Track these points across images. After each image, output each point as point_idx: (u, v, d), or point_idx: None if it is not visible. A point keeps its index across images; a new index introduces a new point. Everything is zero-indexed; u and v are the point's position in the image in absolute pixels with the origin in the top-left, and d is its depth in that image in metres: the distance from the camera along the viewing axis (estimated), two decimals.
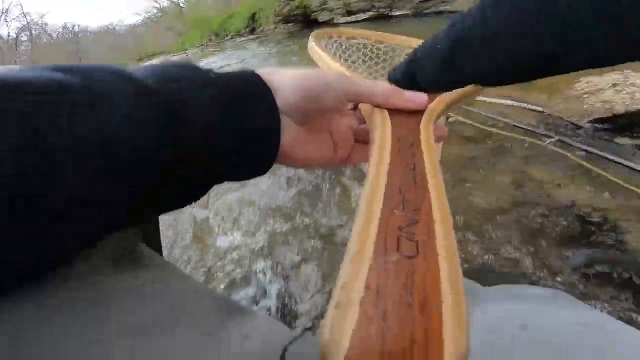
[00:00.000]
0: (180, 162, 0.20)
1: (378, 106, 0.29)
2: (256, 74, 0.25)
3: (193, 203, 0.24)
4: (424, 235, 0.17)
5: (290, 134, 0.27)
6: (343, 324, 0.13)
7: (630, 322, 0.54)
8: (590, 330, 0.41)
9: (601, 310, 0.56)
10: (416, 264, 0.15)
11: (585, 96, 1.18)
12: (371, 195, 0.19)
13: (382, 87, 0.29)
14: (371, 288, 0.14)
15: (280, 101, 0.25)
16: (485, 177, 0.93)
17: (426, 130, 0.27)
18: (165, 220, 1.02)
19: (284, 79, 0.25)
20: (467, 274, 0.62)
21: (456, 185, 0.90)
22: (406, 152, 0.23)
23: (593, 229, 0.69)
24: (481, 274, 0.61)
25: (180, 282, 0.28)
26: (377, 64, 0.58)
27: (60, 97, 0.16)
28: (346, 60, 0.54)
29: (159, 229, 0.42)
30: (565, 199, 0.79)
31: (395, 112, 0.29)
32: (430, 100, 0.31)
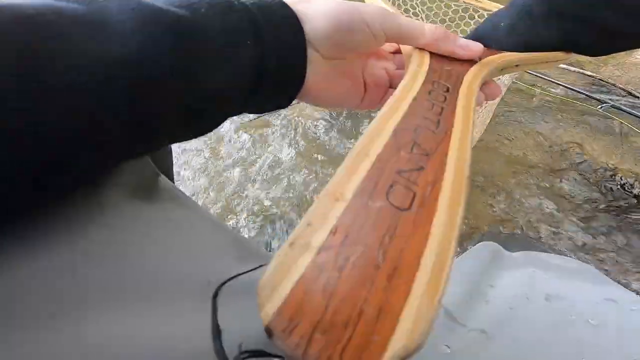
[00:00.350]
0: (192, 86, 0.19)
1: (422, 49, 0.26)
2: (284, 2, 0.23)
3: (207, 134, 0.23)
4: (425, 187, 0.14)
5: (316, 68, 0.24)
6: (290, 268, 0.11)
7: None
8: (616, 307, 0.39)
9: (629, 289, 0.54)
10: (403, 221, 0.13)
11: None
12: (378, 127, 0.16)
13: (430, 28, 0.26)
14: (337, 234, 0.12)
15: (308, 29, 0.23)
16: (526, 135, 0.88)
17: (472, 81, 0.23)
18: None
19: (315, 6, 0.23)
20: (492, 237, 0.60)
21: (495, 141, 0.86)
22: (437, 94, 0.21)
23: (635, 201, 0.65)
24: (506, 239, 0.59)
25: (200, 218, 0.27)
26: (442, 21, 0.51)
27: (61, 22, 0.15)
28: (405, 10, 0.48)
29: (171, 163, 0.40)
30: (608, 165, 0.75)
31: (440, 57, 0.26)
32: (490, 54, 0.28)
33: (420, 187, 0.14)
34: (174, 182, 0.34)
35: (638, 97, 1.05)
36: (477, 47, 0.26)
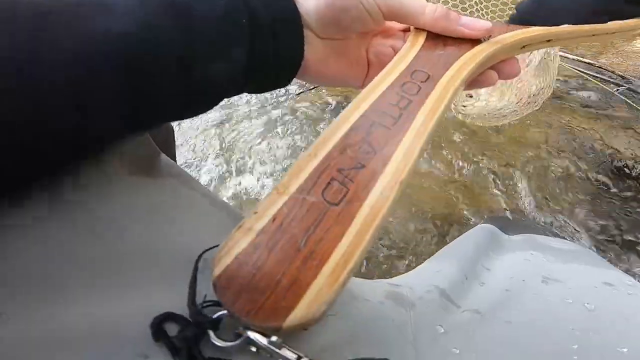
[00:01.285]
0: (190, 62, 0.19)
1: (422, 28, 0.25)
2: None
3: (206, 112, 0.22)
4: (358, 185, 0.16)
5: (313, 47, 0.24)
6: (235, 246, 0.15)
7: None
8: (614, 292, 0.39)
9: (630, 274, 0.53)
10: (329, 214, 0.15)
11: None
12: (335, 126, 0.18)
13: (431, 7, 0.25)
14: (275, 222, 0.15)
15: (300, 9, 0.23)
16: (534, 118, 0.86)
17: (462, 66, 0.22)
18: None
19: None
20: (491, 220, 0.59)
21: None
22: (411, 86, 0.20)
23: None
24: (506, 222, 0.58)
25: (200, 195, 0.26)
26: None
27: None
28: None
29: (174, 141, 0.41)
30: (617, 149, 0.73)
31: (439, 39, 0.24)
32: (507, 30, 0.25)
33: (354, 184, 0.16)
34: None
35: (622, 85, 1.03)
36: (483, 25, 0.24)
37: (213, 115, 1.04)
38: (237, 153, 0.91)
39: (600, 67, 1.10)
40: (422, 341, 0.29)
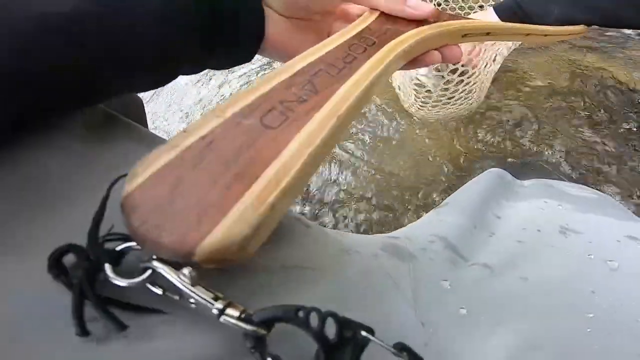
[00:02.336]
0: (136, 30, 0.19)
1: (374, 9, 0.27)
2: None
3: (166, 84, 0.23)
4: (298, 114, 0.16)
5: (275, 25, 0.25)
6: (155, 160, 0.13)
7: None
8: (637, 245, 0.34)
9: None
10: (265, 136, 0.15)
11: None
12: (283, 69, 0.18)
13: None
14: (205, 139, 0.14)
15: None
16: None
17: (404, 39, 0.24)
18: None
19: None
20: (503, 165, 0.53)
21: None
22: (358, 47, 0.22)
23: None
24: (519, 166, 0.52)
25: None
26: None
27: None
28: None
29: (144, 113, 0.39)
30: None
31: (389, 18, 0.26)
32: (447, 18, 0.28)
33: (294, 113, 0.16)
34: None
35: None
36: (426, 7, 0.26)
37: None
38: None
39: None
40: (423, 299, 0.25)
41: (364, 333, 0.13)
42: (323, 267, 0.21)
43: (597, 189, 0.53)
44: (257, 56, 0.27)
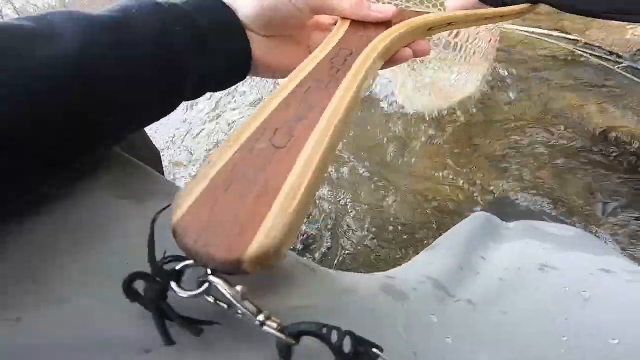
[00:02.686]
0: (131, 74, 0.21)
1: (345, 18, 0.29)
2: None
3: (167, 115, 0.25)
4: (301, 131, 0.18)
5: (258, 46, 0.28)
6: (192, 192, 0.16)
7: None
8: (616, 279, 0.38)
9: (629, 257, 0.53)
10: (277, 156, 0.17)
11: (630, 27, 1.06)
12: (279, 92, 0.21)
13: None
14: (228, 167, 0.16)
15: (240, 16, 0.27)
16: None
17: (377, 44, 0.27)
18: None
19: None
20: (488, 206, 0.59)
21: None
22: (339, 59, 0.24)
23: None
24: (501, 207, 0.57)
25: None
26: None
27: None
28: None
29: (161, 163, 0.42)
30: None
31: (359, 24, 0.29)
32: (410, 16, 0.30)
33: (297, 131, 0.18)
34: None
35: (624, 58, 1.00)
36: (388, 9, 0.29)
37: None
38: None
39: (587, 43, 1.08)
40: (415, 332, 0.29)
41: (375, 350, 0.16)
42: (328, 306, 0.26)
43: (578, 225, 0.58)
44: None
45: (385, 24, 0.29)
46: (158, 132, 0.97)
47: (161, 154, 0.46)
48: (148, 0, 0.24)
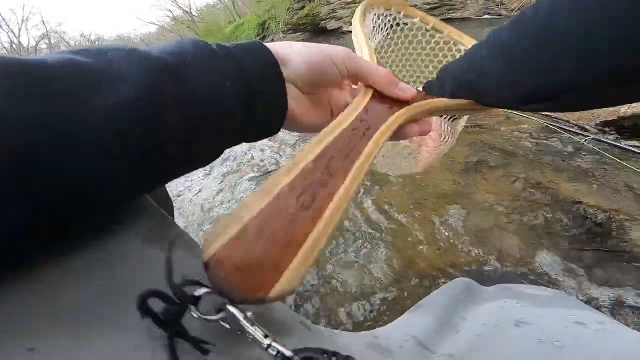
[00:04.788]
0: (188, 121, 0.22)
1: (370, 87, 0.32)
2: (264, 46, 0.28)
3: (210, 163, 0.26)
4: (323, 196, 0.21)
5: (297, 100, 0.29)
6: (227, 229, 0.18)
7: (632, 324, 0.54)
8: (587, 330, 0.41)
9: (603, 312, 0.55)
10: (302, 215, 0.20)
11: None
12: (307, 152, 0.23)
13: (380, 71, 0.32)
14: (262, 215, 0.19)
15: (289, 71, 0.28)
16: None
17: (395, 121, 0.30)
18: None
19: (293, 52, 0.29)
20: (468, 273, 0.63)
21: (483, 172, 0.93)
22: (358, 132, 0.27)
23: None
24: (482, 274, 0.61)
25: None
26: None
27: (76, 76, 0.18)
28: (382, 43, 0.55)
29: (172, 213, 0.42)
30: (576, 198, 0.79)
31: (381, 96, 0.32)
32: (423, 98, 0.34)
33: (320, 197, 0.21)
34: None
35: (589, 132, 1.10)
36: (411, 92, 0.32)
37: None
38: None
39: (556, 119, 1.19)
40: None
41: None
42: None
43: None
44: None
45: (402, 102, 0.32)
46: None
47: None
48: (203, 46, 0.25)
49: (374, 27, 0.52)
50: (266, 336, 0.17)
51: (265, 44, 0.28)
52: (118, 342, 0.18)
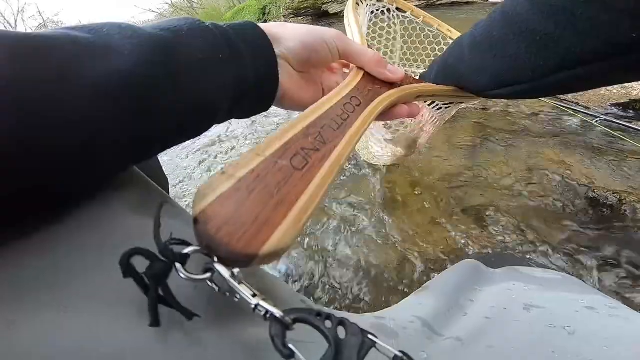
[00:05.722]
0: (181, 94, 0.22)
1: (361, 68, 0.33)
2: (257, 24, 0.28)
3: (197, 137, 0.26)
4: (315, 160, 0.21)
5: (289, 77, 0.30)
6: (219, 186, 0.17)
7: None
8: (598, 315, 0.40)
9: (613, 297, 0.54)
10: (295, 175, 0.20)
11: None
12: (299, 119, 0.24)
13: (370, 53, 0.33)
14: (253, 174, 0.18)
15: (281, 48, 0.29)
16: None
17: (383, 100, 0.31)
18: None
19: (286, 30, 0.30)
20: (476, 256, 0.61)
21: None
22: (350, 106, 0.28)
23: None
24: (489, 256, 0.60)
25: None
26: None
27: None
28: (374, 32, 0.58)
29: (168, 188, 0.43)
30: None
31: (370, 77, 0.33)
32: (413, 82, 0.35)
33: (312, 159, 0.21)
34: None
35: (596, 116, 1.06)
36: (399, 73, 0.33)
37: None
38: None
39: (564, 100, 1.17)
40: None
41: (371, 337, 0.16)
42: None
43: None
44: None
45: (391, 83, 0.33)
46: None
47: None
48: (197, 23, 0.25)
49: (366, 15, 0.55)
50: (254, 295, 0.17)
51: (259, 24, 0.29)
52: (102, 310, 0.17)
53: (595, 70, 0.25)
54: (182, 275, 0.16)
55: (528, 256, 0.62)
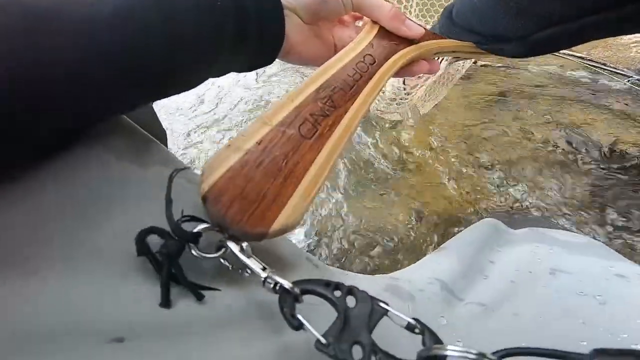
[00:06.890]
0: (174, 34, 0.20)
1: (376, 22, 0.30)
2: None
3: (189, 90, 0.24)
4: (325, 127, 0.20)
5: (298, 31, 0.28)
6: (225, 160, 0.17)
7: None
8: (630, 284, 0.37)
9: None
10: (304, 145, 0.19)
11: (633, 45, 1.09)
12: (308, 82, 0.22)
13: (385, 6, 0.30)
14: (260, 145, 0.18)
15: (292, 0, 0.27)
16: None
17: (399, 58, 0.28)
18: None
19: None
20: (495, 216, 0.58)
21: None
22: (363, 65, 0.26)
23: None
24: (510, 216, 0.56)
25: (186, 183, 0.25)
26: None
27: None
28: None
29: (166, 139, 0.42)
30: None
31: (386, 33, 0.30)
32: (432, 37, 0.32)
33: (322, 126, 0.20)
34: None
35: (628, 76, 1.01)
36: (419, 30, 0.30)
37: None
38: None
39: (592, 60, 1.10)
40: None
41: (382, 305, 0.15)
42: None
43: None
44: None
45: (408, 40, 0.30)
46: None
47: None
48: None
49: None
50: (264, 268, 0.16)
51: None
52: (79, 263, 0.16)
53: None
54: (195, 254, 0.16)
55: (549, 216, 0.58)
